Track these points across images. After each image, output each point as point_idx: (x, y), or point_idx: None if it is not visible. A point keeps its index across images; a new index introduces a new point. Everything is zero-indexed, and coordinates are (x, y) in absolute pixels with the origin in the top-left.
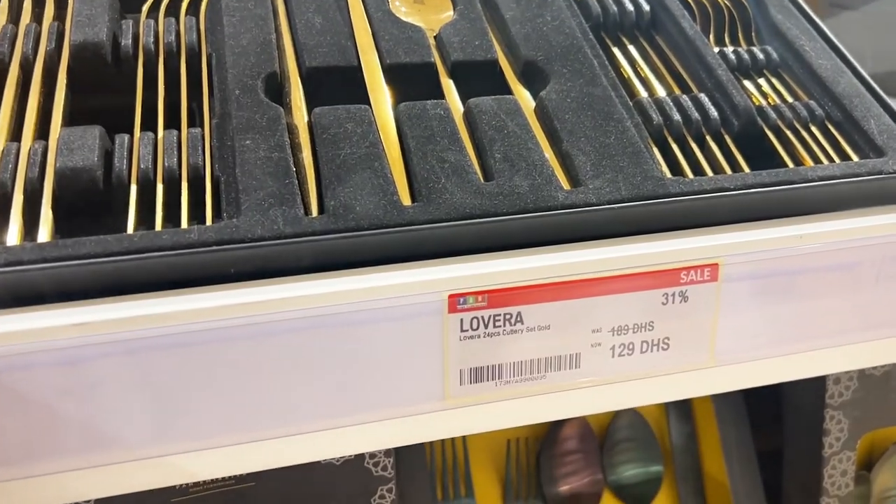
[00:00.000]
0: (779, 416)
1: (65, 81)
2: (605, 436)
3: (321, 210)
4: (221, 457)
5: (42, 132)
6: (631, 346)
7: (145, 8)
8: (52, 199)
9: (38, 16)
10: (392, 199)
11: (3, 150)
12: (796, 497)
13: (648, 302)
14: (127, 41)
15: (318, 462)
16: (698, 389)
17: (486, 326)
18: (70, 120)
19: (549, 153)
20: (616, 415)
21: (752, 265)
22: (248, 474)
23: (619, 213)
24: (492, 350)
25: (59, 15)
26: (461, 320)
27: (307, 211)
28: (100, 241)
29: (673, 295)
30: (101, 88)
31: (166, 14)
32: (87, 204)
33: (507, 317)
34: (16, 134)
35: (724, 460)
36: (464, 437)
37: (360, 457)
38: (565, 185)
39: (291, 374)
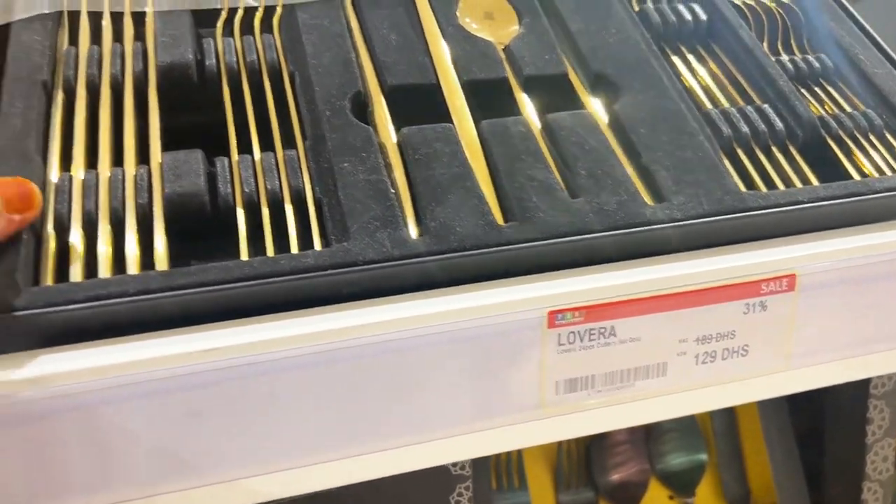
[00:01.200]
0: (819, 403)
1: (156, 102)
2: (651, 426)
3: (421, 230)
4: (334, 469)
5: (142, 155)
6: (713, 354)
7: (220, 25)
8: (164, 224)
9: (118, 34)
10: (488, 218)
11: (110, 177)
12: (838, 482)
13: (731, 312)
14: (211, 61)
15: None
16: (773, 392)
17: (581, 340)
18: (164, 140)
19: (628, 168)
20: None
21: (826, 274)
22: None
23: (702, 228)
24: (586, 362)
25: (139, 34)
26: (559, 335)
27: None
28: (223, 267)
29: (753, 305)
30: (189, 107)
31: (241, 31)
32: (196, 227)
33: (602, 330)
34: (116, 158)
35: (765, 447)
36: None
37: None
38: (648, 201)
39: (403, 389)
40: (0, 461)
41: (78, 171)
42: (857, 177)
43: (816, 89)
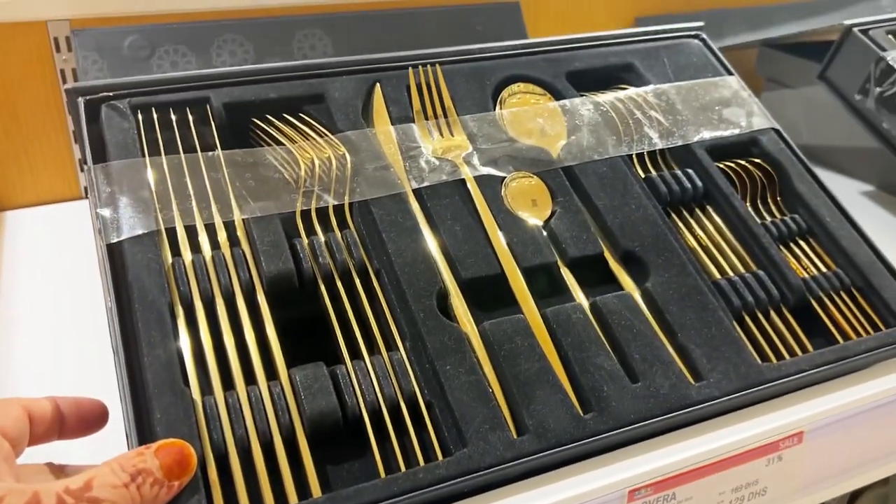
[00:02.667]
0: None
1: (269, 312)
2: None
3: (520, 429)
4: None
5: (265, 362)
6: (742, 498)
7: (300, 222)
8: (307, 440)
9: (213, 243)
10: (572, 411)
11: (248, 396)
12: None
13: (756, 466)
14: (307, 265)
15: None
16: None
17: None
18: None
19: (668, 346)
20: None
21: (825, 426)
22: None
23: (734, 401)
24: None
25: (233, 238)
26: None
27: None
28: (374, 487)
29: (773, 458)
30: (292, 305)
31: (323, 228)
32: (332, 440)
33: (667, 497)
34: (248, 376)
35: None
36: None
37: None
38: (691, 380)
39: None
40: None
41: (219, 395)
42: (836, 334)
43: (795, 248)
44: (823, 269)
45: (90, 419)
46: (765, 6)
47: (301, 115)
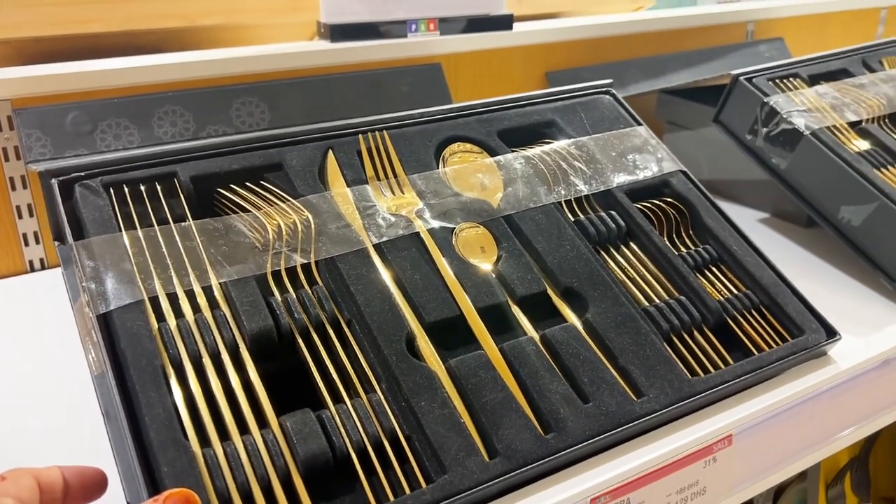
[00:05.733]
0: None
1: (253, 366)
2: None
3: (490, 452)
4: None
5: (254, 412)
6: (685, 499)
7: (271, 282)
8: (303, 482)
9: (194, 305)
10: (535, 433)
11: (244, 445)
12: None
13: (696, 469)
14: (284, 321)
15: None
16: None
17: None
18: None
19: (611, 369)
20: None
21: (749, 428)
22: None
23: (672, 412)
24: None
25: (212, 301)
26: None
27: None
28: None
29: (709, 461)
30: (272, 359)
31: (293, 285)
32: (325, 480)
33: (623, 502)
34: (241, 427)
35: None
36: None
37: None
38: (632, 396)
39: None
40: None
41: (216, 446)
42: (751, 347)
43: (709, 274)
44: (735, 292)
45: (91, 486)
46: (659, 56)
47: (262, 182)
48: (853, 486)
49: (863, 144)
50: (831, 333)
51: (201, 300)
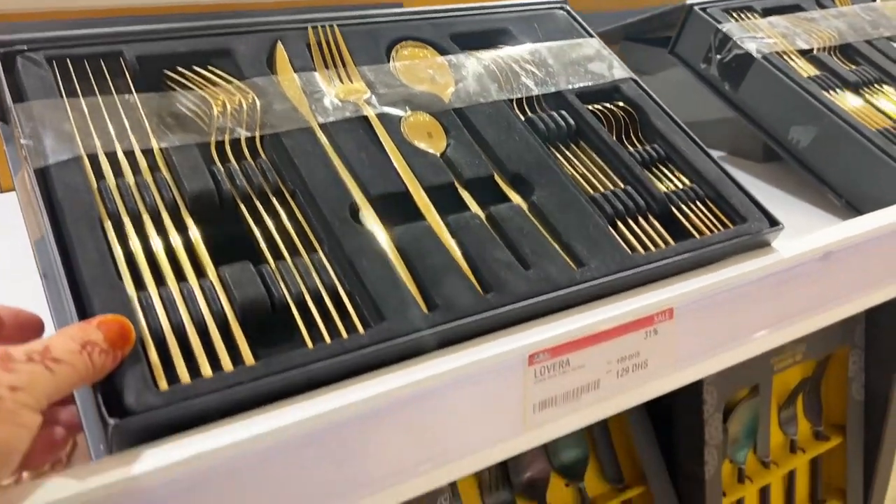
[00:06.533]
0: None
1: (193, 223)
2: None
3: (430, 306)
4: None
5: (195, 269)
6: (627, 369)
7: (214, 153)
8: (240, 326)
9: (134, 168)
10: (475, 292)
11: (180, 292)
12: (687, 448)
13: (636, 339)
14: (226, 186)
15: None
16: (667, 388)
17: (549, 371)
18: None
19: (553, 242)
20: None
21: (690, 305)
22: None
23: (613, 282)
24: (551, 387)
25: (153, 164)
26: (535, 370)
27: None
28: (303, 353)
29: (650, 332)
30: (214, 224)
31: (236, 157)
32: (262, 325)
33: (562, 362)
34: (178, 275)
35: (631, 434)
36: None
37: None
38: (574, 267)
39: (426, 424)
40: None
41: (152, 289)
42: (695, 234)
43: (656, 171)
44: (680, 186)
45: (28, 327)
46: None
47: (210, 67)
48: (805, 411)
49: (813, 70)
50: (774, 223)
51: (142, 163)
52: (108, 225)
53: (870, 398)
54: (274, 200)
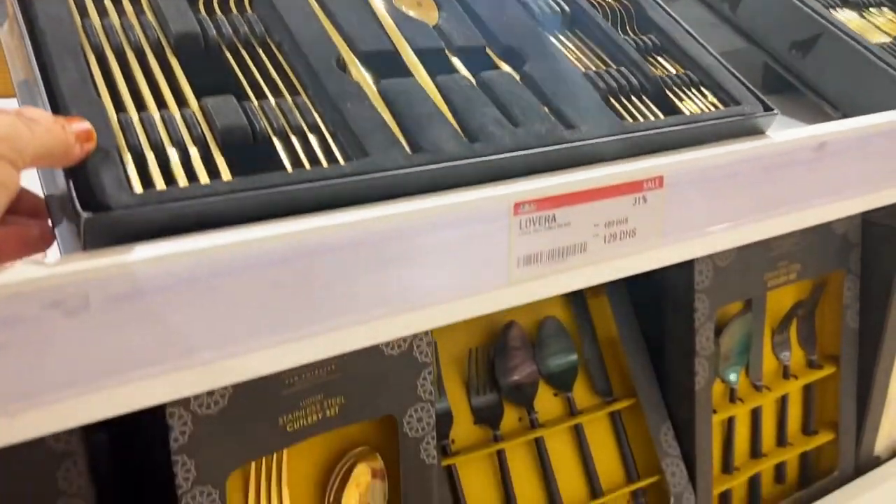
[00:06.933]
0: (659, 302)
1: (177, 63)
2: (536, 339)
3: (415, 149)
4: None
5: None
6: (615, 235)
7: (201, 5)
8: (221, 151)
9: (120, 11)
10: (462, 140)
11: (161, 117)
12: (676, 359)
13: (625, 204)
14: (212, 33)
15: (382, 353)
16: (654, 263)
17: (534, 225)
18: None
19: (543, 106)
20: (541, 322)
21: (680, 175)
22: (336, 366)
23: (602, 145)
24: (537, 241)
25: (139, 10)
26: (520, 221)
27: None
28: (283, 174)
29: (638, 198)
30: (198, 71)
31: (223, 11)
32: (243, 153)
33: (548, 217)
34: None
35: (620, 344)
36: (436, 348)
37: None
38: (563, 127)
39: (408, 265)
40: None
41: (132, 113)
42: (687, 112)
43: (652, 59)
44: (675, 71)
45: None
46: None
47: None
48: (799, 339)
49: None
50: (768, 108)
51: (127, 7)
52: (92, 58)
53: (864, 327)
54: (260, 51)
